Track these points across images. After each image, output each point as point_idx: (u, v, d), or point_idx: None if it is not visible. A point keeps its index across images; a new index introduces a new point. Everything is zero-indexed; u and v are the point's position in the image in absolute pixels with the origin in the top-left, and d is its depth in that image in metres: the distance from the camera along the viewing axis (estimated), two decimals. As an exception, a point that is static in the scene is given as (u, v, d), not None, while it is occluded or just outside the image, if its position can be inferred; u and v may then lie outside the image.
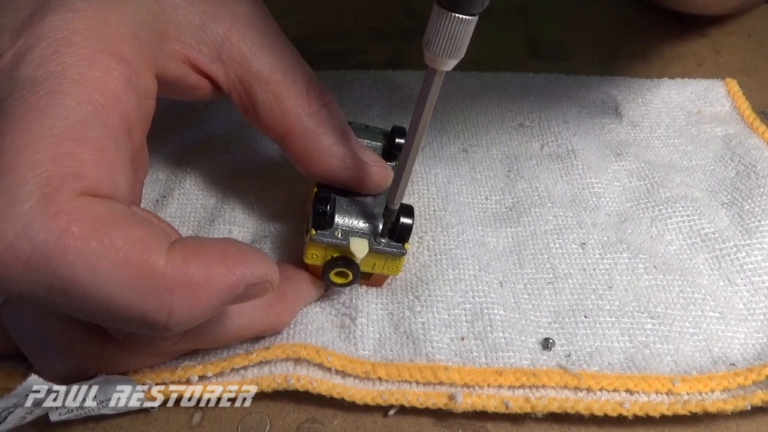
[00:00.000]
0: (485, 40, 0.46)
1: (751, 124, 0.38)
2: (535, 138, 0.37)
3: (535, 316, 0.27)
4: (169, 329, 0.18)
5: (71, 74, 0.18)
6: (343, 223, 0.25)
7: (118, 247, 0.17)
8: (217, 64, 0.24)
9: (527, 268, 0.29)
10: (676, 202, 0.32)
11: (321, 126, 0.25)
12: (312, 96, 0.25)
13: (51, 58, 0.18)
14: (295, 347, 0.25)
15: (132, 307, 0.17)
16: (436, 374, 0.24)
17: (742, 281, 0.29)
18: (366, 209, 0.26)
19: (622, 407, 0.24)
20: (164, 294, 0.17)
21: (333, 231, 0.25)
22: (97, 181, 0.18)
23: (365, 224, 0.26)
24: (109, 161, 0.18)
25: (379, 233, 0.25)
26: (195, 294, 0.18)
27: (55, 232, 0.16)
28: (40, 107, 0.18)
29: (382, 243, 0.25)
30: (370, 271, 0.26)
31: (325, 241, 0.25)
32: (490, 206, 0.33)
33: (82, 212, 0.17)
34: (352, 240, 0.25)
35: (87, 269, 0.16)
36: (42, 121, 0.17)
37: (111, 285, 0.17)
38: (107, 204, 0.18)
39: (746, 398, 0.24)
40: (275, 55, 0.24)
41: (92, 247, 0.17)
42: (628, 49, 0.46)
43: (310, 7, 0.50)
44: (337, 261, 0.25)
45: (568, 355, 0.26)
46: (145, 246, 0.17)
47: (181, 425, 0.25)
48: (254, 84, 0.24)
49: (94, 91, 0.19)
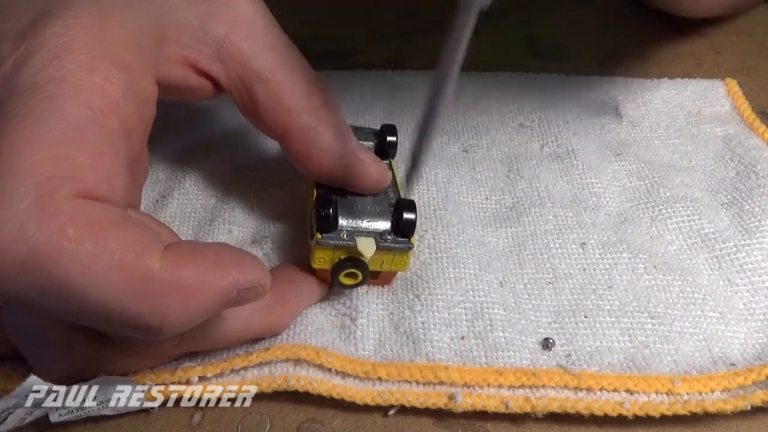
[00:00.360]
0: (485, 40, 0.46)
1: (751, 124, 0.38)
2: (535, 138, 0.37)
3: (535, 316, 0.27)
4: (163, 333, 0.18)
5: (71, 79, 0.19)
6: (347, 224, 0.25)
7: (112, 250, 0.17)
8: (218, 63, 0.24)
9: (527, 268, 0.29)
10: (676, 202, 0.32)
11: (321, 125, 0.25)
12: (313, 94, 0.25)
13: (51, 64, 0.19)
14: (295, 348, 0.25)
15: (126, 310, 0.17)
16: (437, 374, 0.24)
17: (742, 281, 0.29)
18: (367, 208, 0.26)
19: (622, 407, 0.24)
20: (158, 297, 0.17)
21: (338, 233, 0.25)
22: (94, 184, 0.18)
23: (368, 223, 0.26)
24: (107, 165, 0.19)
25: (385, 230, 0.25)
26: (188, 297, 0.18)
27: (50, 234, 0.16)
28: (39, 110, 0.18)
29: (388, 239, 0.25)
30: (379, 268, 0.26)
31: (331, 243, 0.25)
32: (490, 206, 0.33)
33: (78, 214, 0.17)
34: (359, 240, 0.25)
35: (81, 271, 0.16)
36: (40, 124, 0.18)
37: (105, 288, 0.17)
38: (103, 207, 0.18)
39: (746, 398, 0.24)
40: (276, 53, 0.24)
41: (87, 250, 0.16)
42: (628, 49, 0.46)
43: (311, 7, 0.50)
44: (346, 262, 0.25)
45: (568, 355, 0.26)
46: (140, 249, 0.17)
47: (181, 425, 0.25)
48: (255, 83, 0.24)
49: (93, 96, 0.19)
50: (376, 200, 0.27)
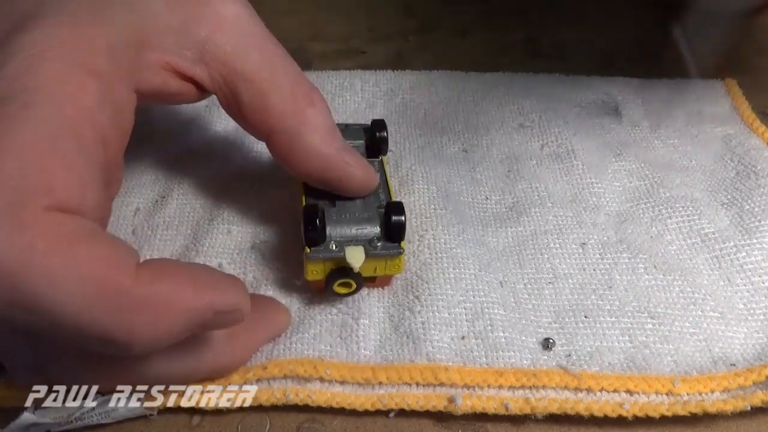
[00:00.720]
0: (485, 40, 0.46)
1: (751, 124, 0.38)
2: (535, 138, 0.37)
3: (535, 316, 0.27)
4: (132, 349, 0.18)
5: (44, 89, 0.18)
6: (335, 233, 0.25)
7: (81, 264, 0.16)
8: (201, 66, 0.24)
9: (527, 268, 0.29)
10: (676, 202, 0.32)
11: (305, 126, 0.25)
12: (298, 95, 0.25)
13: (24, 74, 0.18)
14: (293, 364, 0.24)
15: (93, 324, 0.17)
16: (437, 375, 0.24)
17: (742, 281, 0.29)
18: (356, 214, 0.26)
19: (622, 408, 0.24)
20: (128, 313, 0.17)
21: (327, 244, 0.25)
22: (65, 195, 0.17)
23: (357, 230, 0.25)
24: (79, 176, 0.18)
25: (374, 236, 0.25)
26: (159, 314, 0.18)
27: (18, 247, 0.16)
28: (11, 120, 0.17)
29: (378, 246, 0.25)
30: (373, 274, 0.26)
31: (321, 257, 0.24)
32: (490, 206, 0.33)
33: (48, 227, 0.16)
34: (348, 250, 0.24)
35: (49, 286, 0.16)
36: (12, 134, 0.17)
37: (73, 302, 0.16)
38: (74, 219, 0.17)
39: (746, 399, 0.24)
40: (260, 53, 0.24)
41: (56, 263, 0.16)
42: (628, 49, 0.46)
43: (310, 7, 0.50)
44: (337, 273, 0.25)
45: (569, 355, 0.26)
46: (111, 264, 0.17)
47: (180, 425, 0.25)
48: (239, 83, 0.24)
49: (66, 105, 0.18)
50: (366, 204, 0.27)
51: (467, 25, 0.48)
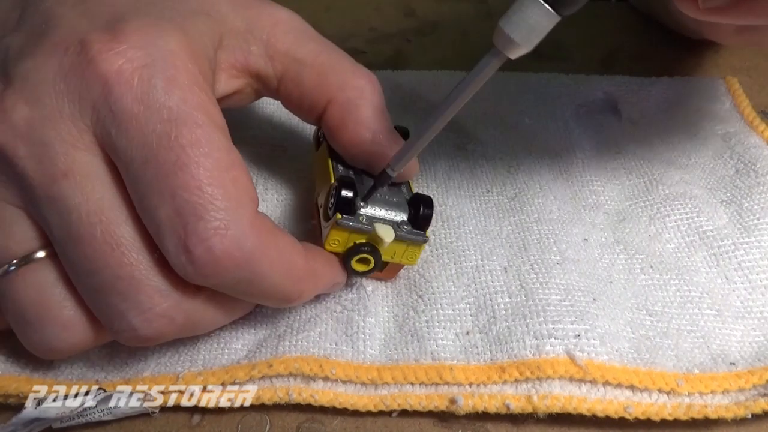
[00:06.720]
0: (485, 40, 0.46)
1: (751, 122, 0.38)
2: (535, 137, 0.37)
3: (544, 294, 0.27)
4: (295, 304, 0.25)
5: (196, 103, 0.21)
6: (365, 209, 0.25)
7: (282, 251, 0.22)
8: (266, 59, 0.26)
9: (533, 251, 0.29)
10: (675, 200, 0.32)
11: (362, 98, 0.26)
12: (356, 72, 0.27)
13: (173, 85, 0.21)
14: (298, 362, 0.24)
15: (283, 290, 0.23)
16: (442, 375, 0.24)
17: (739, 279, 0.29)
18: (385, 197, 0.26)
19: (626, 411, 0.23)
20: (301, 282, 0.23)
21: (357, 216, 0.25)
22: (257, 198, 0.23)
23: (386, 212, 0.26)
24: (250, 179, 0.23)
25: (402, 221, 0.26)
26: (317, 283, 0.25)
27: (257, 242, 0.21)
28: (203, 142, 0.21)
29: (405, 230, 0.25)
30: (389, 259, 0.26)
31: (351, 225, 0.24)
32: (492, 197, 0.33)
33: (263, 226, 0.22)
34: (378, 226, 0.25)
35: (269, 267, 0.22)
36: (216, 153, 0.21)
37: (278, 276, 0.22)
38: (266, 217, 0.23)
39: (748, 407, 0.24)
40: (316, 44, 0.27)
41: (272, 252, 0.22)
42: (628, 49, 0.46)
43: (310, 7, 0.50)
44: (362, 247, 0.25)
45: (578, 335, 0.25)
46: (295, 249, 0.23)
47: (180, 425, 0.25)
48: (301, 69, 0.26)
49: (214, 116, 0.22)
50: (392, 191, 0.27)
51: (467, 25, 0.48)
